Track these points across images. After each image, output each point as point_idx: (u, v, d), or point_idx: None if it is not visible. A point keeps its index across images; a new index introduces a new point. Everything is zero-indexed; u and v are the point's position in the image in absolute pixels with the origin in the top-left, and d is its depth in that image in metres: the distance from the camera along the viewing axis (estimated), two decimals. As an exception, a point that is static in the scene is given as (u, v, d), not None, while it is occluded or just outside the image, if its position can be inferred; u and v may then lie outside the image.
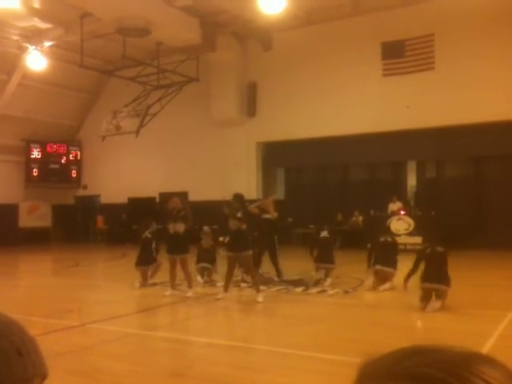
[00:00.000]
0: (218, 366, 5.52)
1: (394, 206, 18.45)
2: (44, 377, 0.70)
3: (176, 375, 5.34)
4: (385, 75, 18.50)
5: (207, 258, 11.34)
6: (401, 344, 0.66)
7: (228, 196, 11.79)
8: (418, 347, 0.59)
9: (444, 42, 17.32)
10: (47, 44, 20.08)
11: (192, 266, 10.70)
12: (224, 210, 10.91)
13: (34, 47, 20.08)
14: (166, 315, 8.72)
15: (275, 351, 5.99)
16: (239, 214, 9.14)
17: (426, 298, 7.91)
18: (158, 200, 22.22)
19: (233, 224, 9.10)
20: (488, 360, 0.58)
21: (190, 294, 9.59)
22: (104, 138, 20.31)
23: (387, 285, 9.90)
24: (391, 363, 0.57)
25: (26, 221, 24.21)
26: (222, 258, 11.56)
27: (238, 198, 9.52)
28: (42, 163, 24.37)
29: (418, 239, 17.16)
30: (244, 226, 9.11)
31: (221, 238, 11.89)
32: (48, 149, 24.64)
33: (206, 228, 11.77)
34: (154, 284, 10.97)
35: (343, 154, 19.70)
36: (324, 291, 10.00)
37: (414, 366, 0.55)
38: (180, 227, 9.62)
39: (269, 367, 5.51)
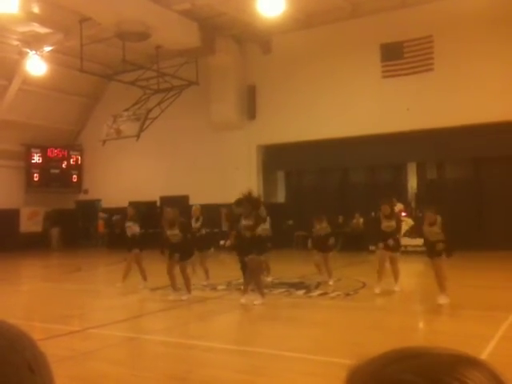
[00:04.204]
0: (218, 370, 5.51)
1: (395, 207, 18.40)
2: None
3: (177, 379, 5.34)
4: (384, 77, 18.51)
5: None
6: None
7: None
8: (406, 351, 0.60)
9: (443, 44, 17.32)
10: (47, 49, 20.11)
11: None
12: (235, 211, 10.77)
13: (33, 52, 20.11)
14: (167, 319, 8.70)
15: (276, 354, 5.98)
16: (251, 220, 9.05)
17: None
18: (158, 204, 22.20)
19: (246, 232, 9.05)
20: (474, 363, 0.58)
21: (185, 297, 9.66)
22: (104, 142, 20.33)
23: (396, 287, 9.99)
24: (376, 368, 0.58)
25: (26, 226, 24.21)
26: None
27: (252, 200, 9.41)
28: (42, 168, 24.36)
29: (419, 241, 17.12)
30: (257, 231, 9.07)
31: (222, 242, 11.91)
32: (49, 154, 24.64)
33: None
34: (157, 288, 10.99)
35: (343, 157, 19.68)
36: (325, 294, 9.99)
37: (397, 372, 0.56)
38: (178, 236, 9.66)
39: (270, 371, 5.50)
